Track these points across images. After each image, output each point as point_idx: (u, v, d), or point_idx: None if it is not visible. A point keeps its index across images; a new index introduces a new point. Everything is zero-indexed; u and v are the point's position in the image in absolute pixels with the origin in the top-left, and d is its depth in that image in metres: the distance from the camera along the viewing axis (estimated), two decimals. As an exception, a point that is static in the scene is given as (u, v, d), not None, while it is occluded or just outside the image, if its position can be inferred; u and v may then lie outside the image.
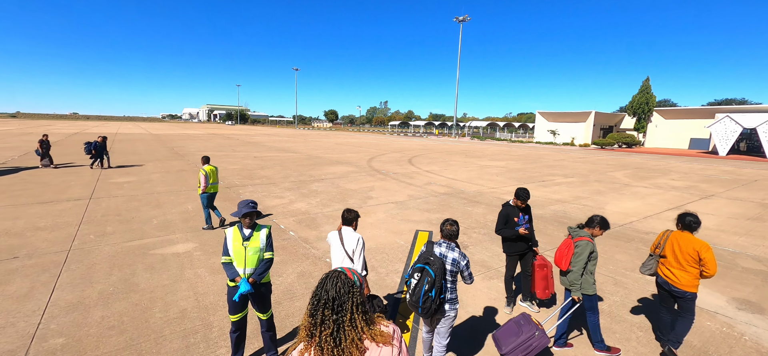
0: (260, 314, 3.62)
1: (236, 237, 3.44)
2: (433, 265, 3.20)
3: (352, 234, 3.78)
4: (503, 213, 4.91)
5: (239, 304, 3.48)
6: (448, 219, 3.49)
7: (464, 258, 3.36)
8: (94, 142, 16.40)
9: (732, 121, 35.10)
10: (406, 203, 10.97)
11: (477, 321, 4.62)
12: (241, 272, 3.43)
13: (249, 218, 3.42)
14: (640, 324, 4.65)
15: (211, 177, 7.99)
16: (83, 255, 6.23)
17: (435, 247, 3.40)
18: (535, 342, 3.47)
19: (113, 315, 4.42)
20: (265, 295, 3.61)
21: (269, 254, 3.57)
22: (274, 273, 5.78)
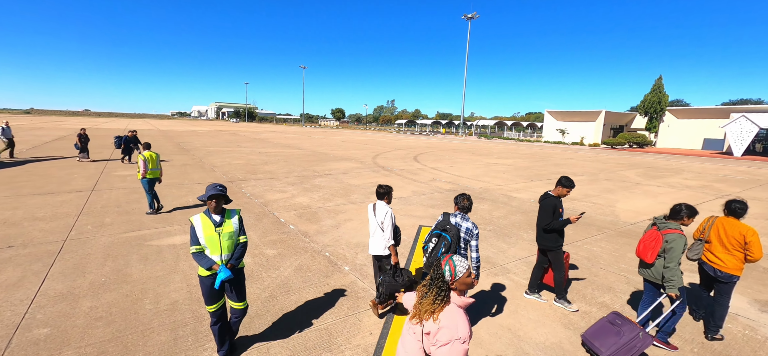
0: (236, 304, 3.46)
1: (207, 225, 3.26)
2: (449, 232, 3.62)
3: (383, 207, 4.19)
4: (551, 204, 4.53)
5: (217, 294, 3.34)
6: (463, 194, 3.87)
7: (476, 228, 3.70)
8: (124, 136, 16.36)
9: (748, 120, 34.11)
10: (409, 199, 10.73)
11: (481, 319, 4.37)
12: (218, 259, 3.28)
13: (216, 202, 3.24)
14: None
15: (151, 163, 8.18)
16: (78, 246, 6.13)
17: (450, 218, 3.78)
18: (640, 343, 3.36)
19: (102, 305, 4.27)
20: (242, 282, 3.50)
21: (244, 238, 3.45)
22: (271, 266, 5.61)
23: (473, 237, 3.67)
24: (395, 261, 4.17)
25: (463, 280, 2.05)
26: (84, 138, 16.55)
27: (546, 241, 4.63)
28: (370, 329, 4.06)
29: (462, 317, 1.97)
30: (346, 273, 5.47)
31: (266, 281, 5.11)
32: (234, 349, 3.59)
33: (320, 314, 4.31)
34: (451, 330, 1.91)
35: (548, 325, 4.26)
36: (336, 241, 6.86)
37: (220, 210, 3.32)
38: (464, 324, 1.94)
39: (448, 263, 2.05)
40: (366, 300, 4.69)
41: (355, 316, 4.30)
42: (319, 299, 4.66)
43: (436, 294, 2.00)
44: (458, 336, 1.90)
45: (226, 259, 3.29)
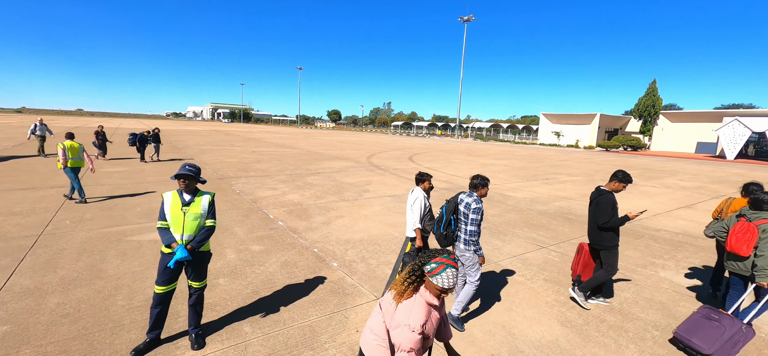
0: (193, 282, 3.32)
1: (175, 202, 3.20)
2: (448, 204, 4.02)
3: (416, 192, 4.41)
4: (610, 201, 4.24)
5: (170, 275, 3.21)
6: (476, 174, 4.08)
7: (476, 203, 3.85)
8: (141, 133, 15.93)
9: (740, 124, 34.38)
10: (403, 197, 10.52)
11: (474, 317, 4.16)
12: (179, 238, 3.16)
13: (186, 181, 3.17)
14: (655, 322, 4.17)
15: (71, 153, 8.26)
16: (53, 241, 5.83)
17: (460, 194, 4.05)
18: (743, 337, 3.27)
19: (70, 302, 4.00)
20: (203, 264, 3.36)
21: (211, 222, 3.31)
22: (256, 262, 5.36)
23: (471, 212, 3.82)
24: (419, 244, 4.27)
25: (436, 287, 1.95)
26: (102, 136, 15.98)
27: (602, 239, 4.32)
28: (356, 326, 3.83)
29: (421, 308, 1.94)
30: (335, 270, 5.24)
31: (250, 277, 4.86)
32: (201, 337, 3.41)
33: (305, 310, 4.07)
34: (405, 315, 1.91)
35: (544, 323, 4.05)
36: (325, 238, 6.62)
37: (192, 191, 3.25)
38: (419, 316, 1.91)
39: (439, 264, 1.95)
40: (354, 296, 4.46)
41: (341, 313, 4.07)
42: (305, 295, 4.42)
43: (407, 274, 2.00)
44: (408, 322, 1.88)
45: (188, 240, 3.18)
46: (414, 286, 1.99)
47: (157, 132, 16.84)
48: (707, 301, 4.79)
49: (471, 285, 3.92)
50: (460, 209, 3.92)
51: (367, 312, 4.12)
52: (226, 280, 4.73)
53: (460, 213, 3.93)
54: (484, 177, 4.04)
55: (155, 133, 16.72)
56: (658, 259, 6.28)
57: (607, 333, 3.89)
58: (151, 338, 3.29)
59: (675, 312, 4.43)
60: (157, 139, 16.56)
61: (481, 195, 4.03)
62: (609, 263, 4.35)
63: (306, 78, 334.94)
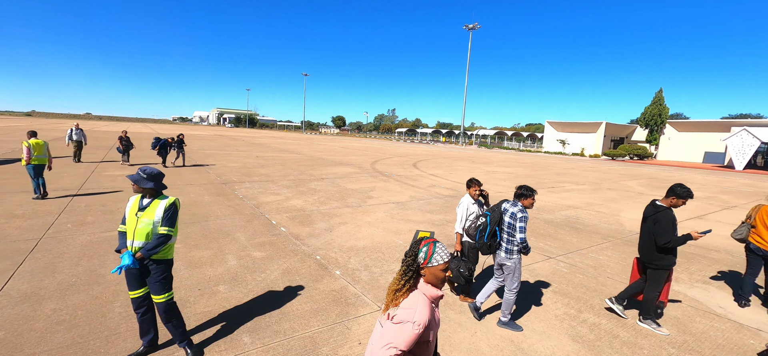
0: (155, 296, 3.15)
1: (133, 206, 3.10)
2: (492, 213, 4.03)
3: (462, 198, 4.65)
4: (671, 218, 3.98)
5: (133, 280, 3.10)
6: (523, 185, 4.07)
7: (521, 212, 3.88)
8: (164, 139, 15.72)
9: (749, 134, 33.91)
10: (407, 204, 10.39)
11: (481, 330, 4.01)
12: (129, 244, 3.03)
13: (134, 185, 3.08)
14: (671, 340, 3.99)
15: (36, 150, 8.50)
16: (54, 244, 5.77)
17: (503, 204, 4.07)
18: None
19: (67, 308, 3.91)
20: (159, 275, 3.11)
21: (164, 229, 3.06)
22: (257, 269, 5.25)
23: (517, 221, 3.84)
24: (457, 249, 4.48)
25: (435, 271, 1.81)
26: (126, 140, 15.85)
27: (659, 260, 4.09)
28: (359, 338, 3.70)
29: (425, 304, 1.78)
30: (337, 278, 5.12)
31: (250, 284, 4.75)
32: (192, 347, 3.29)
33: (306, 320, 3.95)
34: (408, 312, 1.74)
35: (554, 338, 3.90)
36: (328, 245, 6.51)
37: (152, 195, 3.13)
38: (424, 311, 1.75)
39: (427, 246, 1.83)
40: (357, 306, 4.33)
41: (343, 324, 3.94)
42: (306, 304, 4.30)
43: (402, 272, 1.83)
44: (414, 319, 1.71)
45: (137, 247, 3.01)
46: (411, 283, 1.83)
47: (181, 138, 16.48)
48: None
49: (511, 293, 3.99)
50: (505, 219, 3.96)
51: (370, 322, 3.99)
52: (226, 287, 4.62)
53: (504, 223, 3.96)
54: (530, 187, 4.02)
55: (179, 139, 16.36)
56: (671, 272, 6.08)
57: (620, 350, 3.73)
58: (146, 343, 3.19)
59: (691, 329, 4.26)
60: (180, 145, 16.25)
61: (527, 206, 3.97)
62: (657, 282, 4.15)
63: (311, 84, 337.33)
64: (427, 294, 1.80)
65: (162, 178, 3.22)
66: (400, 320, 1.73)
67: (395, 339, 1.70)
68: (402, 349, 1.68)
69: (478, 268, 5.36)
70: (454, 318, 4.17)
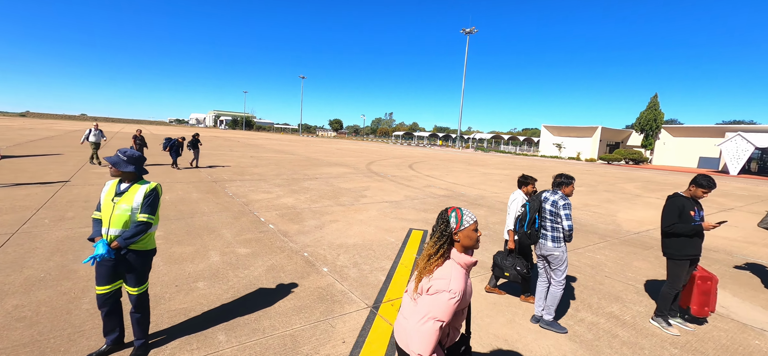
0: (129, 287, 2.93)
1: (110, 191, 2.85)
2: (532, 201, 3.92)
3: (514, 194, 4.54)
4: (677, 204, 3.91)
5: (104, 274, 2.82)
6: (560, 173, 3.97)
7: (563, 200, 3.77)
8: (174, 140, 14.89)
9: (743, 139, 34.08)
10: (401, 203, 10.18)
11: (473, 329, 3.79)
12: (105, 232, 2.77)
13: (112, 168, 2.85)
14: (672, 340, 3.79)
15: None
16: (27, 239, 5.49)
17: (543, 194, 3.97)
18: None
19: (30, 304, 3.64)
20: (137, 266, 2.91)
21: (144, 216, 2.85)
22: (240, 265, 5.00)
23: (561, 208, 3.74)
24: (511, 246, 4.33)
25: (468, 233, 1.81)
26: (140, 140, 15.16)
27: (667, 247, 3.98)
28: (343, 337, 3.46)
29: (459, 272, 1.76)
30: (324, 275, 4.88)
31: (232, 281, 4.51)
32: (144, 350, 3.04)
33: (288, 318, 3.71)
34: (442, 282, 1.72)
35: (551, 337, 3.68)
36: (317, 242, 6.27)
37: (130, 179, 2.90)
38: (459, 280, 1.73)
39: (455, 211, 1.85)
40: (343, 304, 4.10)
41: (327, 321, 3.71)
42: (289, 302, 4.06)
43: (435, 240, 1.83)
44: (449, 288, 1.69)
45: (113, 235, 2.77)
46: (445, 249, 1.81)
47: (196, 138, 15.50)
48: None
49: (558, 286, 3.79)
50: (546, 208, 3.84)
51: (356, 320, 3.76)
52: (205, 284, 4.38)
53: (546, 212, 3.83)
54: (569, 175, 3.94)
55: (195, 139, 15.42)
56: (670, 271, 5.90)
57: (620, 350, 3.52)
58: (110, 342, 2.94)
59: (694, 329, 4.06)
60: (195, 146, 15.38)
61: (567, 194, 3.88)
62: (671, 275, 3.96)
63: (309, 87, 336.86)
64: (461, 262, 1.79)
65: (143, 162, 3.01)
66: (436, 290, 1.71)
67: (434, 310, 1.68)
68: (442, 320, 1.67)
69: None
70: (446, 317, 3.95)
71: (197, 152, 15.60)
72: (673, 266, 3.97)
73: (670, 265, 4.00)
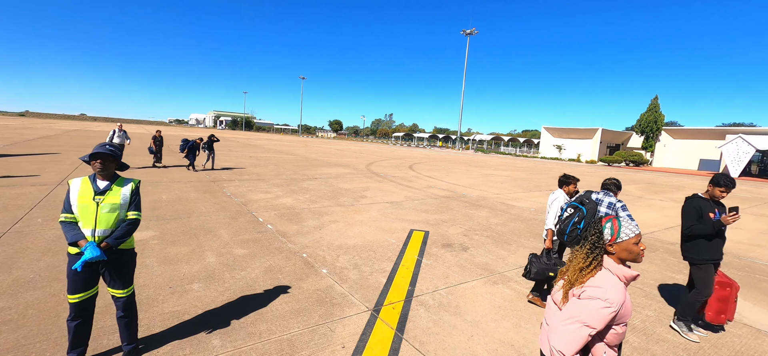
0: (116, 291, 2.77)
1: (85, 190, 2.63)
2: (586, 205, 3.77)
3: (554, 194, 4.44)
4: (695, 206, 3.77)
5: (84, 280, 2.64)
6: (610, 177, 4.04)
7: (620, 202, 3.83)
8: (192, 141, 14.23)
9: (744, 142, 34.00)
10: (402, 203, 10.04)
11: (478, 334, 3.64)
12: (90, 234, 2.59)
13: (101, 163, 2.63)
14: (684, 345, 3.66)
15: None
16: (18, 239, 5.35)
17: (592, 194, 3.97)
18: None
19: (17, 306, 3.50)
20: (125, 266, 2.78)
21: (134, 214, 2.76)
22: (237, 266, 4.86)
23: (619, 209, 3.71)
24: (548, 246, 4.27)
25: (628, 246, 1.63)
26: (159, 141, 14.58)
27: (687, 251, 3.83)
28: (343, 342, 3.32)
29: (616, 284, 1.58)
30: (324, 277, 4.74)
31: (228, 283, 4.36)
32: (136, 353, 2.91)
33: (285, 322, 3.57)
34: (597, 290, 1.56)
35: (558, 342, 3.54)
36: (316, 242, 6.13)
37: (110, 176, 2.72)
38: (617, 291, 1.54)
39: (611, 221, 1.69)
40: (343, 307, 3.96)
41: (326, 325, 3.57)
42: (287, 304, 3.92)
43: (587, 251, 1.68)
44: (605, 297, 1.52)
45: (102, 236, 2.62)
46: (598, 260, 1.66)
47: (212, 139, 14.80)
48: None
49: None
50: (601, 211, 3.84)
51: (356, 324, 3.62)
52: (200, 286, 4.23)
53: (600, 214, 3.79)
54: (619, 180, 4.05)
55: (211, 139, 14.76)
56: (678, 274, 5.77)
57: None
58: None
59: (707, 334, 3.92)
60: (211, 146, 14.81)
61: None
62: (698, 280, 3.78)
63: (309, 88, 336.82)
64: (619, 273, 1.62)
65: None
66: (589, 296, 1.58)
67: (583, 314, 1.55)
68: (593, 327, 1.53)
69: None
70: (448, 320, 3.81)
71: (213, 154, 15.02)
72: (697, 271, 3.78)
73: (694, 270, 3.82)
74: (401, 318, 3.79)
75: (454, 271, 5.21)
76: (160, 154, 15.02)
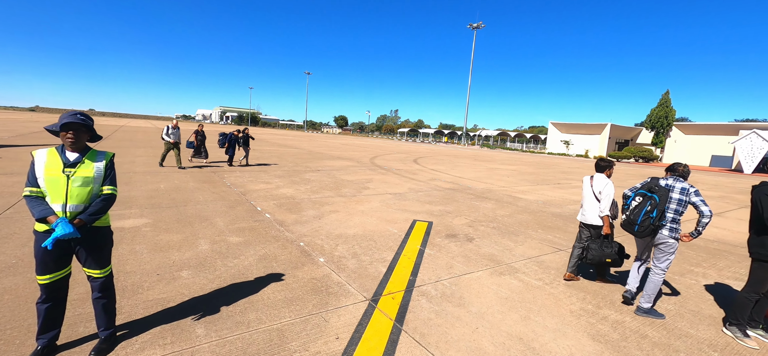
0: (92, 270, 2.57)
1: (52, 162, 2.40)
2: (657, 192, 3.60)
3: (602, 178, 4.35)
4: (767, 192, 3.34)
5: (55, 259, 2.42)
6: (678, 162, 3.83)
7: (693, 187, 3.56)
8: (230, 134, 13.69)
9: (759, 137, 33.08)
10: (405, 195, 9.77)
11: (483, 326, 3.38)
12: (60, 209, 2.37)
13: (73, 134, 2.41)
14: (710, 340, 3.36)
15: None
16: (7, 224, 5.19)
17: (660, 180, 3.76)
18: None
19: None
20: (101, 244, 2.59)
21: (109, 189, 2.56)
22: (230, 254, 4.64)
23: (693, 195, 3.53)
24: (607, 231, 4.22)
25: None
26: (201, 135, 13.82)
27: (759, 246, 3.36)
28: (337, 332, 3.08)
29: None
30: (321, 265, 4.50)
31: (220, 270, 4.14)
32: (110, 341, 2.68)
33: (277, 311, 3.34)
34: None
35: (571, 336, 3.26)
36: (315, 232, 5.89)
37: (81, 148, 2.49)
38: None
39: None
40: (339, 296, 3.71)
41: (320, 315, 3.32)
42: (280, 293, 3.69)
43: None
44: None
45: (74, 212, 2.41)
46: None
47: (247, 133, 14.29)
48: None
49: (661, 274, 3.70)
50: (673, 197, 3.64)
51: (352, 314, 3.37)
52: (190, 273, 4.02)
53: (673, 200, 3.63)
54: (687, 165, 3.83)
55: (246, 135, 14.19)
56: (697, 267, 5.44)
57: (652, 353, 3.09)
58: (43, 344, 2.51)
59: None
60: (246, 142, 14.22)
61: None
62: (754, 278, 3.41)
63: (314, 84, 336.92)
64: None
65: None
66: None
67: None
68: None
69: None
70: (452, 312, 3.55)
71: (248, 149, 14.40)
72: (758, 268, 3.39)
73: (756, 267, 3.41)
74: (401, 309, 3.54)
75: (458, 262, 4.94)
76: (204, 149, 14.08)
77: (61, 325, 2.63)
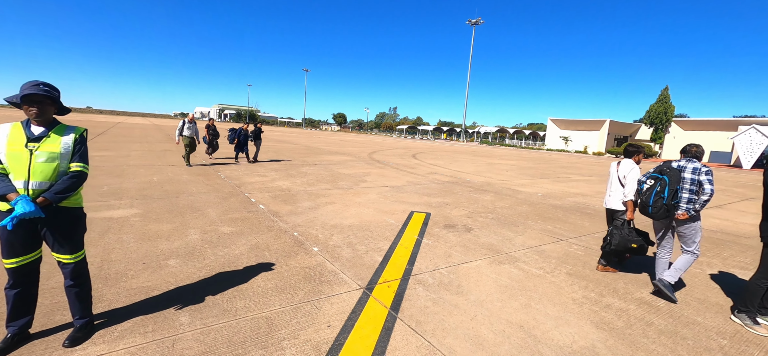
0: (62, 256, 2.40)
1: (15, 136, 2.25)
2: (668, 174, 3.66)
3: (628, 163, 4.36)
4: None
5: (21, 241, 2.27)
6: (693, 143, 3.78)
7: (705, 167, 3.55)
8: (239, 129, 13.29)
9: (758, 132, 33.04)
10: (403, 187, 9.63)
11: (482, 314, 3.24)
12: (22, 186, 2.20)
13: (38, 106, 2.26)
14: (718, 328, 3.23)
15: None
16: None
17: (673, 163, 3.77)
18: None
19: (-32, 278, 3.14)
20: (70, 227, 2.41)
21: (79, 166, 2.37)
22: (220, 243, 4.49)
23: (702, 173, 3.54)
24: (630, 216, 4.15)
25: None
26: (212, 129, 12.85)
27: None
28: (329, 320, 2.93)
29: None
30: (314, 254, 4.35)
31: (209, 259, 3.99)
32: (85, 330, 2.52)
33: (266, 299, 3.19)
34: None
35: (574, 324, 3.13)
36: (310, 222, 5.74)
37: (47, 122, 2.33)
38: None
39: None
40: (332, 284, 3.57)
41: (312, 303, 3.18)
42: (270, 281, 3.54)
43: None
44: None
45: (38, 189, 2.24)
46: None
47: (259, 129, 14.01)
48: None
49: (692, 254, 3.71)
50: (686, 177, 3.63)
51: (346, 302, 3.23)
52: (177, 262, 3.87)
53: (686, 181, 3.63)
54: (701, 146, 3.76)
55: (257, 130, 13.91)
56: (702, 256, 5.31)
57: (658, 340, 2.96)
58: (13, 331, 2.36)
59: (739, 317, 3.48)
60: (258, 137, 13.89)
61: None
62: (765, 264, 3.26)
63: (312, 81, 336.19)
64: None
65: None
66: None
67: None
68: None
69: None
70: (449, 300, 3.41)
71: (259, 143, 14.05)
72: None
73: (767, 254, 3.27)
74: (396, 297, 3.40)
75: (456, 251, 4.80)
76: (215, 145, 13.33)
77: (34, 312, 2.48)
